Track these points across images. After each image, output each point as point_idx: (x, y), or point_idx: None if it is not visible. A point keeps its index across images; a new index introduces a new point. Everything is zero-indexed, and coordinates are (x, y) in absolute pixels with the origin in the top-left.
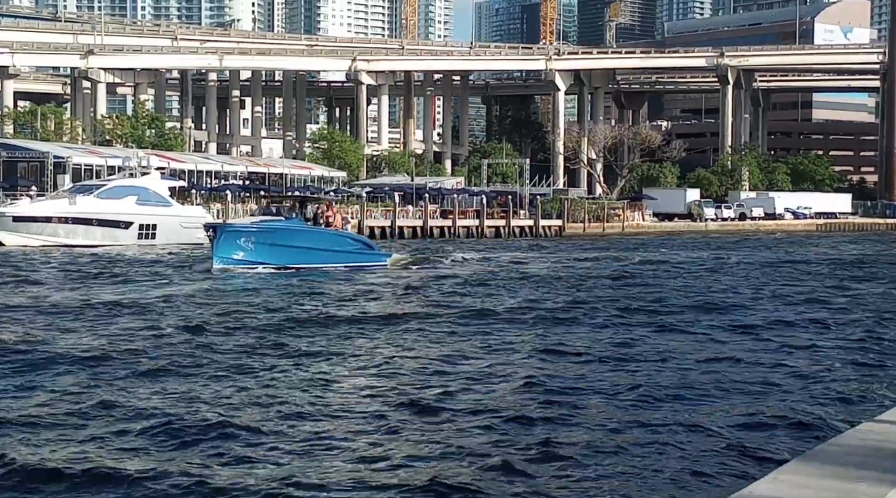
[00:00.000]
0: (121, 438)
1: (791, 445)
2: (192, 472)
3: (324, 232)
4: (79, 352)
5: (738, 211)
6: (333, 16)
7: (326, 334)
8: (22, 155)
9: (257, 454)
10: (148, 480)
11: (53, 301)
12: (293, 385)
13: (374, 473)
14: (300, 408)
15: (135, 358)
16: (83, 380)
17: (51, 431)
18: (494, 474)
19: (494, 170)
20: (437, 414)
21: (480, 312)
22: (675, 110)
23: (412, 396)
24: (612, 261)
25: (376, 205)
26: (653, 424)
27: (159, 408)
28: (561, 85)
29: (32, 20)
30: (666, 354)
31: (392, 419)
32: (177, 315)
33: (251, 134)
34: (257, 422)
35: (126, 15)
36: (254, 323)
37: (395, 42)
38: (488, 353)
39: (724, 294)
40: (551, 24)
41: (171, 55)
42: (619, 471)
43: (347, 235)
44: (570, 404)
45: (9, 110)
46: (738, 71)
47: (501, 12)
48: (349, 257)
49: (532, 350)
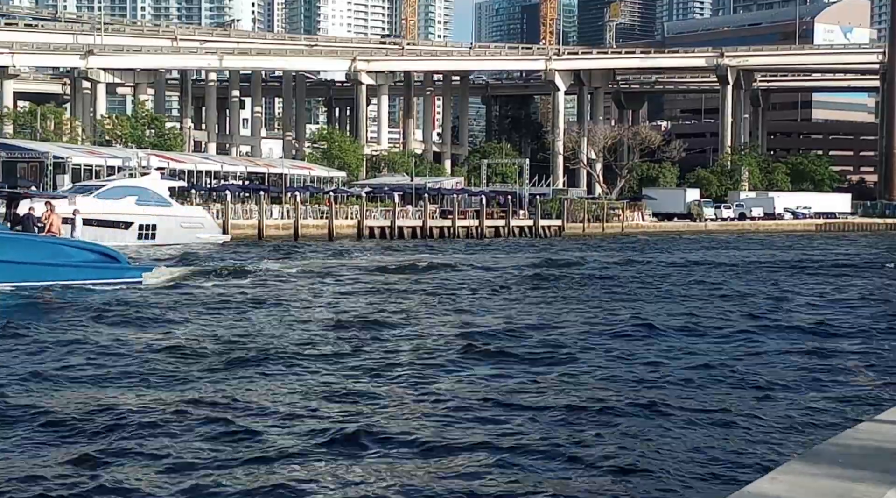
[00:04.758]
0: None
1: (789, 443)
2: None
3: (33, 240)
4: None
5: (737, 211)
6: (333, 16)
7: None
8: (21, 155)
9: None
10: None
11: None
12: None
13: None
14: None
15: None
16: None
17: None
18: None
19: (494, 170)
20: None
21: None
22: (675, 110)
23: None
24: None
25: (376, 205)
26: (651, 416)
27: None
28: (561, 85)
29: (32, 20)
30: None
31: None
32: None
33: (251, 134)
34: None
35: (126, 15)
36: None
37: (394, 42)
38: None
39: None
40: (551, 24)
41: (171, 55)
42: (615, 463)
43: (74, 244)
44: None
45: (8, 110)
46: (737, 71)
47: (501, 12)
48: (76, 273)
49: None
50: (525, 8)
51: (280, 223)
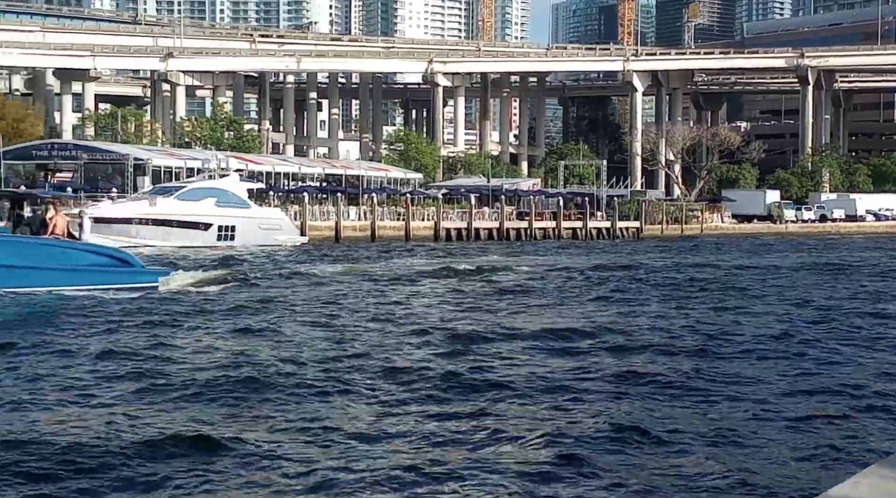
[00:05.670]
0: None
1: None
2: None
3: (35, 242)
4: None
5: (818, 213)
6: (410, 17)
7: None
8: (103, 157)
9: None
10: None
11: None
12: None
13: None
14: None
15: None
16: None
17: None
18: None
19: (571, 171)
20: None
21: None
22: (755, 111)
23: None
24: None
25: (452, 207)
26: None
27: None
28: (638, 86)
29: (113, 23)
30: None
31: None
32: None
33: (328, 136)
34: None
35: (205, 18)
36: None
37: (471, 43)
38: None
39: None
40: (629, 24)
41: (250, 58)
42: (701, 462)
43: (82, 247)
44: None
45: (90, 113)
46: (818, 71)
47: (579, 13)
48: (84, 278)
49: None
50: (602, 9)
51: (357, 225)
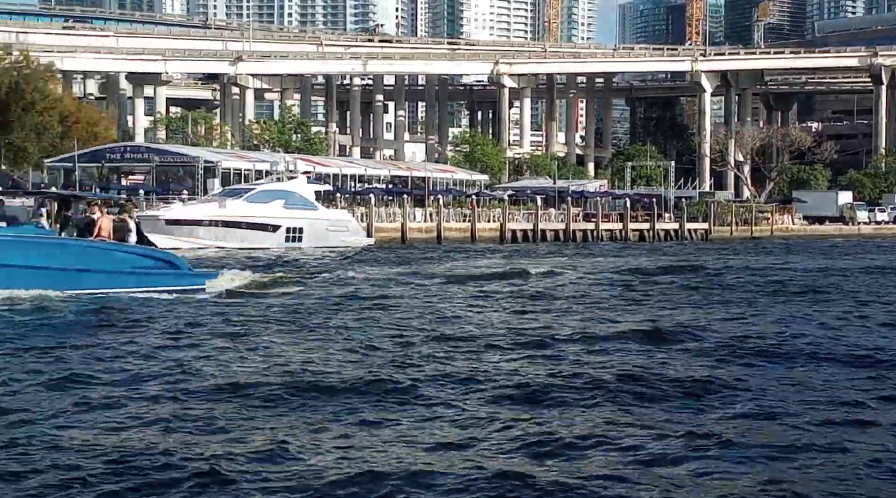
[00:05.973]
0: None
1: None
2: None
3: (79, 245)
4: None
5: (892, 214)
6: (476, 19)
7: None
8: (174, 159)
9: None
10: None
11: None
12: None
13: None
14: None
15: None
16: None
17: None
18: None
19: (638, 172)
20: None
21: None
22: (827, 111)
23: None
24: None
25: (518, 208)
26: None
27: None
28: (707, 86)
29: (183, 28)
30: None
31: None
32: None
33: (394, 138)
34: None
35: (273, 21)
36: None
37: (537, 44)
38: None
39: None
40: (698, 24)
41: (317, 61)
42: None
43: (126, 249)
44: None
45: (161, 116)
46: (892, 70)
47: (646, 13)
48: (128, 281)
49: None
50: (670, 9)
51: (423, 226)
